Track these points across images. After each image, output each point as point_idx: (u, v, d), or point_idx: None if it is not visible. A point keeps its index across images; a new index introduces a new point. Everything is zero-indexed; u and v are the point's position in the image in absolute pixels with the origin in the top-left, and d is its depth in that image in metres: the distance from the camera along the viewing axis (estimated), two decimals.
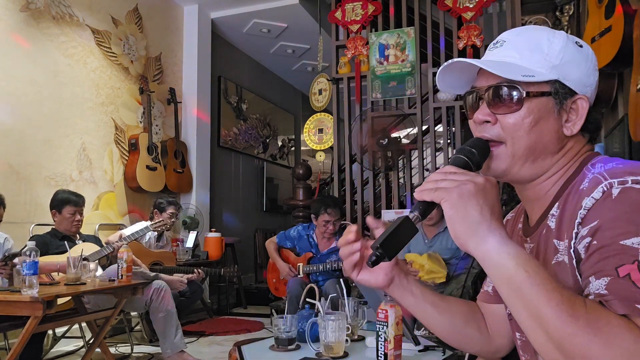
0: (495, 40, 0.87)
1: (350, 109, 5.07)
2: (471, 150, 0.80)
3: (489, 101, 0.82)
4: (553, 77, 0.79)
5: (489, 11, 4.71)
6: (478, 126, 0.84)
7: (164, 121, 5.25)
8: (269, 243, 3.78)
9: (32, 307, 2.23)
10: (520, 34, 0.85)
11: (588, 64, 0.83)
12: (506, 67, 0.80)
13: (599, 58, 2.52)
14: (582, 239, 0.71)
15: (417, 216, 0.75)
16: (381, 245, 0.73)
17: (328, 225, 3.57)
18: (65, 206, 3.28)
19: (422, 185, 0.76)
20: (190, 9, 5.64)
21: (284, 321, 1.83)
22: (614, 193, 0.69)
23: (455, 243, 0.72)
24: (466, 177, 0.73)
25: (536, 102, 0.80)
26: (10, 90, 3.67)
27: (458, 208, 0.70)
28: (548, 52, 0.80)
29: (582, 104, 0.81)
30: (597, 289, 0.66)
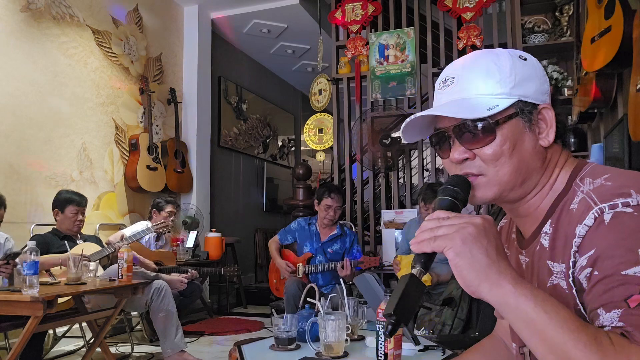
0: (443, 77, 0.85)
1: (350, 109, 5.07)
2: (454, 189, 0.79)
3: (461, 139, 0.81)
4: (514, 99, 0.79)
5: (488, 11, 4.72)
6: (457, 165, 0.83)
7: (164, 121, 5.26)
8: (271, 242, 3.79)
9: (33, 306, 2.23)
10: (466, 67, 0.83)
11: (538, 73, 0.83)
12: (468, 106, 0.80)
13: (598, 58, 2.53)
14: (582, 269, 0.70)
15: (421, 270, 0.73)
16: (394, 312, 0.69)
17: (329, 210, 3.57)
18: (68, 206, 3.28)
19: (418, 236, 0.73)
20: (191, 9, 5.65)
21: (284, 321, 1.83)
22: (606, 219, 0.68)
23: (466, 291, 0.69)
24: (463, 220, 0.71)
25: (507, 126, 0.79)
26: (11, 90, 3.67)
27: (464, 254, 0.68)
28: (500, 77, 0.80)
29: (548, 113, 0.81)
30: (611, 321, 0.65)
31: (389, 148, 4.71)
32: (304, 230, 3.71)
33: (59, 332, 3.52)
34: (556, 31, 4.24)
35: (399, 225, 4.45)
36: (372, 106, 4.93)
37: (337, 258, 3.63)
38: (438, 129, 0.86)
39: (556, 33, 4.23)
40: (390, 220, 4.62)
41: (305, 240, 3.69)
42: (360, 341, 1.92)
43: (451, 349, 1.78)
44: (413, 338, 1.75)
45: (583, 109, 3.12)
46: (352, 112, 5.08)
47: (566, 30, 4.14)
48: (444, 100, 0.84)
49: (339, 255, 3.65)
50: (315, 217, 3.72)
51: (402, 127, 0.87)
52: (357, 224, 4.97)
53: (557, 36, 4.22)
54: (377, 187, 5.05)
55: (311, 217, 3.78)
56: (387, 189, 5.08)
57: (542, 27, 4.29)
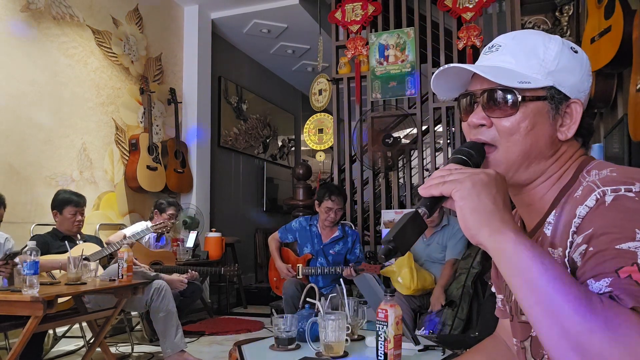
0: (491, 44, 0.86)
1: (350, 109, 5.07)
2: (469, 151, 0.80)
3: (485, 104, 0.82)
4: (549, 83, 0.79)
5: (488, 11, 4.72)
6: (472, 129, 0.84)
7: (164, 121, 5.26)
8: (271, 240, 3.76)
9: (33, 306, 2.23)
10: (516, 38, 0.84)
11: (583, 69, 0.82)
12: (502, 73, 0.80)
13: (598, 58, 2.53)
14: (577, 246, 0.70)
15: (425, 212, 0.73)
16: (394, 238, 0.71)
17: (330, 212, 3.54)
18: (67, 206, 3.28)
19: (426, 182, 0.74)
20: (191, 9, 5.65)
21: (284, 321, 1.83)
22: (607, 200, 0.69)
23: (465, 234, 0.70)
24: (476, 170, 0.72)
25: (532, 106, 0.79)
26: (11, 90, 3.67)
27: (470, 197, 0.69)
28: (544, 57, 0.80)
29: (577, 108, 0.81)
30: (599, 288, 0.64)
31: (389, 148, 4.71)
32: (305, 231, 3.68)
33: (59, 332, 3.52)
34: (556, 31, 4.24)
35: None
36: (372, 106, 4.93)
37: (340, 259, 3.61)
38: (468, 90, 0.86)
39: (556, 33, 4.23)
40: (390, 220, 4.62)
41: (306, 241, 3.66)
42: (360, 341, 1.92)
43: (451, 349, 1.78)
44: (413, 338, 1.75)
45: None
46: (352, 112, 5.08)
47: (566, 30, 4.15)
48: (483, 64, 0.85)
49: (342, 257, 3.63)
50: (316, 217, 3.68)
51: (435, 75, 0.87)
52: (357, 224, 4.97)
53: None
54: (377, 187, 5.05)
55: (312, 217, 3.73)
56: (387, 189, 5.08)
57: (542, 27, 4.29)
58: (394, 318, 1.46)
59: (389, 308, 1.46)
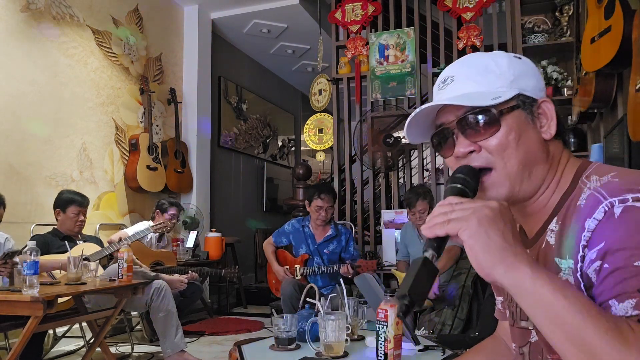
0: (442, 78, 0.86)
1: (350, 109, 5.07)
2: (464, 178, 0.78)
3: (465, 132, 0.81)
4: (515, 92, 0.80)
5: (488, 11, 4.72)
6: (462, 160, 0.83)
7: (164, 121, 5.26)
8: (266, 245, 3.76)
9: (33, 306, 2.23)
10: (464, 65, 0.85)
11: (534, 71, 0.85)
12: (472, 97, 0.80)
13: (598, 58, 2.53)
14: (592, 262, 0.69)
15: (434, 254, 0.71)
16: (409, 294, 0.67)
17: (320, 211, 3.53)
18: (70, 206, 3.29)
19: (429, 220, 0.72)
20: (191, 9, 5.65)
21: (284, 321, 1.83)
22: (616, 212, 0.68)
23: (479, 273, 0.68)
24: (479, 204, 0.69)
25: (510, 117, 0.80)
26: (11, 90, 3.67)
27: (479, 236, 0.66)
28: (500, 71, 0.82)
29: (548, 106, 0.83)
30: (626, 311, 0.64)
31: (390, 148, 4.71)
32: (298, 232, 3.67)
33: (59, 332, 3.52)
34: (556, 31, 4.24)
35: (399, 226, 4.45)
36: (372, 106, 4.93)
37: (335, 258, 3.61)
38: (440, 125, 0.85)
39: (556, 33, 4.23)
40: (390, 220, 4.62)
41: (301, 243, 3.65)
42: (360, 341, 1.92)
43: (451, 349, 1.78)
44: (413, 338, 1.75)
45: (583, 109, 3.12)
46: (352, 112, 5.08)
47: (566, 30, 4.15)
48: (446, 97, 0.84)
49: (336, 255, 3.63)
50: (308, 218, 3.68)
51: (407, 125, 0.87)
52: (357, 224, 4.97)
53: (557, 36, 4.22)
54: (377, 187, 5.05)
55: (304, 218, 3.73)
56: (387, 189, 5.08)
57: (542, 27, 4.29)
58: (394, 318, 1.46)
59: (389, 308, 1.46)
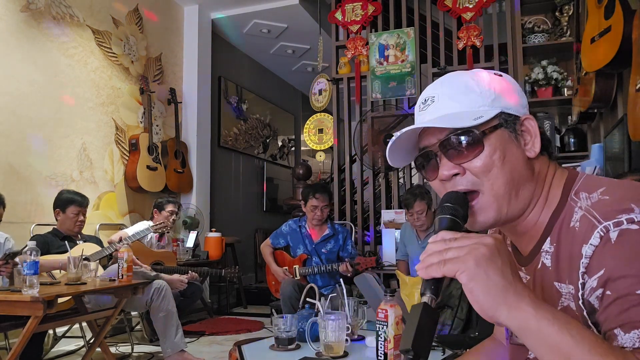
0: (422, 98, 0.85)
1: (350, 109, 5.07)
2: (452, 206, 0.76)
3: (448, 154, 0.80)
4: (497, 110, 0.79)
5: (488, 11, 4.72)
6: (447, 183, 0.81)
7: (164, 121, 5.26)
8: (263, 247, 3.75)
9: (33, 306, 2.23)
10: (445, 85, 0.84)
11: (515, 87, 0.84)
12: (454, 118, 0.79)
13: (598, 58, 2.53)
14: (593, 290, 0.69)
15: (432, 297, 0.68)
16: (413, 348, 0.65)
17: (316, 210, 3.53)
18: (70, 206, 3.29)
19: (424, 260, 0.69)
20: (191, 9, 5.65)
21: (284, 321, 1.83)
22: (613, 237, 0.67)
23: (481, 315, 0.65)
24: (474, 241, 0.67)
25: (493, 137, 0.79)
26: (11, 91, 3.67)
27: (478, 277, 0.64)
28: (480, 90, 0.80)
29: (531, 123, 0.81)
30: (633, 342, 0.63)
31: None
32: (296, 233, 3.67)
33: (59, 332, 3.51)
34: (556, 31, 4.24)
35: (399, 226, 4.45)
36: (372, 106, 4.93)
37: (333, 257, 3.61)
38: (423, 148, 0.84)
39: (556, 33, 4.24)
40: (390, 220, 4.62)
41: (298, 243, 3.65)
42: (360, 341, 1.92)
43: (451, 349, 1.78)
44: None
45: (583, 109, 3.12)
46: (352, 112, 5.08)
47: (566, 30, 4.15)
48: (427, 119, 0.83)
49: (334, 255, 3.63)
50: (305, 218, 3.69)
51: (388, 150, 0.86)
52: (357, 224, 4.97)
53: (557, 36, 4.22)
54: (377, 187, 5.05)
55: (300, 219, 3.73)
56: (387, 189, 5.08)
57: (542, 27, 4.29)
58: (394, 318, 1.46)
59: (389, 308, 1.46)
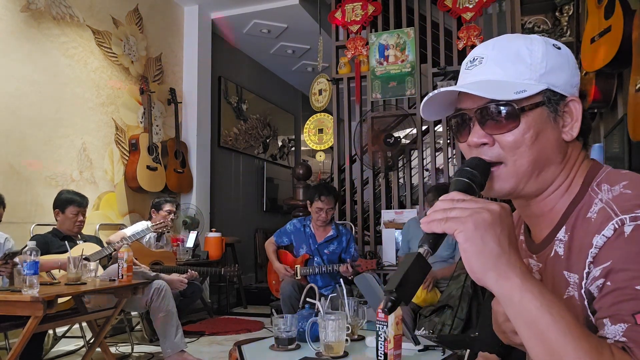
0: (471, 57, 0.82)
1: (350, 109, 5.07)
2: (472, 171, 0.75)
3: (483, 122, 0.78)
4: (543, 87, 0.76)
5: (488, 11, 4.72)
6: (473, 149, 0.80)
7: (164, 121, 5.26)
8: (267, 244, 3.77)
9: (33, 307, 2.23)
10: (496, 47, 0.80)
11: (570, 64, 0.80)
12: (495, 87, 0.76)
13: (598, 58, 2.53)
14: (595, 279, 0.69)
15: (428, 250, 0.69)
16: (396, 290, 0.66)
17: (321, 212, 3.54)
18: (69, 206, 3.29)
19: (429, 215, 0.70)
20: (191, 9, 5.65)
21: (284, 321, 1.83)
22: (627, 231, 0.66)
23: (471, 276, 0.67)
24: (479, 205, 0.67)
25: (532, 114, 0.76)
26: (11, 91, 3.67)
27: (474, 240, 0.65)
28: (531, 62, 0.77)
29: (575, 105, 0.79)
30: (615, 334, 0.64)
31: (390, 148, 4.71)
32: (299, 233, 3.68)
33: (59, 332, 3.51)
34: (556, 31, 4.24)
35: (399, 225, 4.45)
36: (372, 106, 4.93)
37: (334, 259, 3.62)
38: (460, 109, 0.82)
39: (556, 33, 4.23)
40: (390, 220, 4.62)
41: (302, 243, 3.66)
42: (360, 341, 1.92)
43: (451, 349, 1.78)
44: (413, 338, 1.75)
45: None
46: (352, 112, 5.08)
47: (566, 30, 4.15)
48: (470, 80, 0.80)
49: (336, 256, 3.63)
50: (309, 218, 3.69)
51: (423, 103, 0.82)
52: (357, 224, 4.97)
53: (557, 36, 4.22)
54: (377, 187, 5.05)
55: (305, 218, 3.74)
56: (387, 189, 5.08)
57: (542, 27, 4.29)
58: (394, 318, 1.46)
59: None
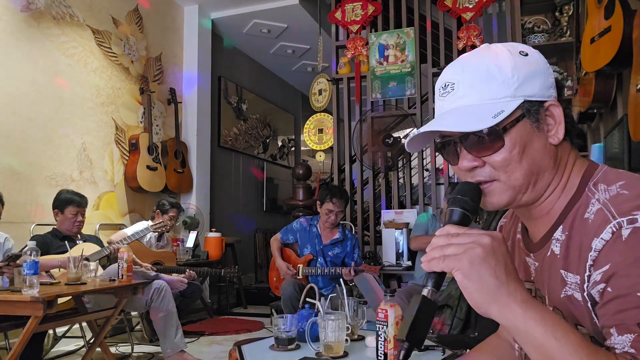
0: (442, 83, 0.82)
1: (350, 109, 5.07)
2: (463, 199, 0.77)
3: (469, 147, 0.79)
4: (519, 101, 0.76)
5: (488, 12, 4.72)
6: (467, 172, 0.81)
7: (164, 121, 5.26)
8: (273, 240, 3.76)
9: (33, 306, 2.23)
10: (465, 70, 0.80)
11: (541, 67, 0.79)
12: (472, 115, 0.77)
13: (598, 58, 2.53)
14: (596, 284, 0.69)
15: (433, 290, 0.72)
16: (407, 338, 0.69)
17: (330, 215, 3.53)
18: (68, 206, 3.29)
19: (428, 254, 0.72)
20: (191, 9, 5.65)
21: (284, 321, 1.83)
22: (624, 234, 0.67)
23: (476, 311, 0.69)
24: (471, 239, 0.69)
25: (515, 130, 0.77)
26: (11, 91, 3.67)
27: (472, 277, 0.67)
28: (503, 78, 0.76)
29: (555, 109, 0.79)
30: (623, 346, 0.65)
31: (389, 148, 4.71)
32: (305, 232, 3.68)
33: (59, 332, 3.51)
34: (556, 31, 4.24)
35: (399, 225, 4.45)
36: (372, 106, 4.93)
37: (337, 262, 3.61)
38: (444, 136, 0.83)
39: (556, 33, 4.23)
40: (390, 221, 4.62)
41: (307, 242, 3.66)
42: (360, 341, 1.92)
43: (451, 349, 1.78)
44: None
45: (583, 109, 3.12)
46: (352, 112, 5.08)
47: (566, 30, 4.14)
48: (447, 108, 0.81)
49: (339, 260, 3.63)
50: (317, 218, 3.69)
51: (407, 142, 0.85)
52: (357, 224, 4.97)
53: (557, 36, 4.22)
54: (377, 187, 5.05)
55: (312, 218, 3.74)
56: (387, 189, 5.08)
57: (542, 27, 4.29)
58: (394, 318, 1.47)
59: (389, 308, 1.47)
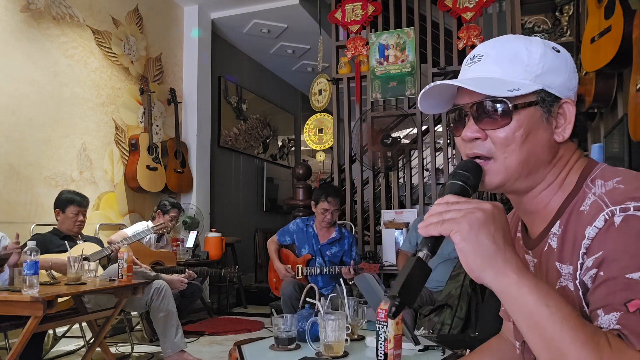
0: (472, 54, 0.85)
1: (350, 109, 5.07)
2: (465, 174, 0.78)
3: (477, 117, 0.81)
4: (537, 87, 0.78)
5: (488, 11, 4.72)
6: (467, 143, 0.83)
7: (164, 121, 5.26)
8: (270, 243, 3.76)
9: (33, 306, 2.23)
10: (496, 47, 0.83)
11: (568, 68, 0.82)
12: (490, 83, 0.79)
13: (598, 58, 2.53)
14: (588, 270, 0.70)
15: (428, 254, 0.72)
16: (399, 294, 0.69)
17: (326, 214, 3.53)
18: (69, 206, 3.29)
19: (425, 219, 0.73)
20: (191, 9, 5.65)
21: (284, 321, 1.83)
22: (617, 222, 0.68)
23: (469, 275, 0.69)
24: (472, 205, 0.70)
25: (525, 113, 0.79)
26: (11, 91, 3.67)
27: (469, 240, 0.68)
28: (528, 62, 0.79)
29: (569, 108, 0.80)
30: (609, 323, 0.65)
31: (389, 148, 4.71)
32: (302, 232, 3.67)
33: (59, 332, 3.51)
34: (556, 31, 4.24)
35: (399, 225, 4.45)
36: (372, 106, 4.93)
37: (335, 261, 3.61)
38: (457, 105, 0.85)
39: (556, 33, 4.23)
40: (390, 220, 4.62)
41: (304, 243, 3.65)
42: (360, 341, 1.92)
43: (451, 349, 1.78)
44: (413, 338, 1.75)
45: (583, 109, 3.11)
46: (352, 112, 5.08)
47: (566, 30, 4.15)
48: (468, 76, 0.83)
49: (337, 259, 3.63)
50: (313, 218, 3.69)
51: (421, 94, 0.85)
52: (357, 224, 4.97)
53: (557, 36, 4.22)
54: (377, 187, 5.05)
55: (308, 218, 3.74)
56: (387, 189, 5.08)
57: (542, 27, 4.29)
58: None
59: None
